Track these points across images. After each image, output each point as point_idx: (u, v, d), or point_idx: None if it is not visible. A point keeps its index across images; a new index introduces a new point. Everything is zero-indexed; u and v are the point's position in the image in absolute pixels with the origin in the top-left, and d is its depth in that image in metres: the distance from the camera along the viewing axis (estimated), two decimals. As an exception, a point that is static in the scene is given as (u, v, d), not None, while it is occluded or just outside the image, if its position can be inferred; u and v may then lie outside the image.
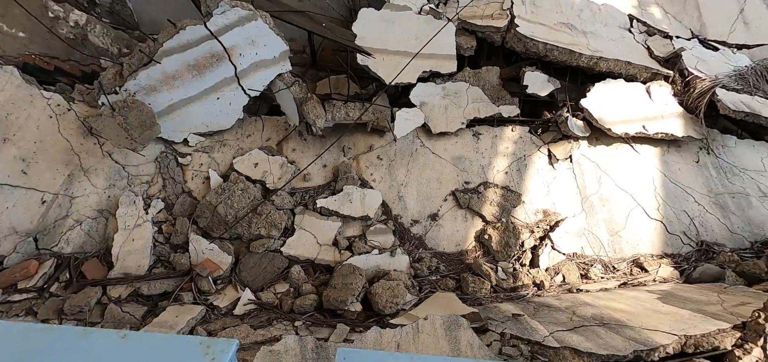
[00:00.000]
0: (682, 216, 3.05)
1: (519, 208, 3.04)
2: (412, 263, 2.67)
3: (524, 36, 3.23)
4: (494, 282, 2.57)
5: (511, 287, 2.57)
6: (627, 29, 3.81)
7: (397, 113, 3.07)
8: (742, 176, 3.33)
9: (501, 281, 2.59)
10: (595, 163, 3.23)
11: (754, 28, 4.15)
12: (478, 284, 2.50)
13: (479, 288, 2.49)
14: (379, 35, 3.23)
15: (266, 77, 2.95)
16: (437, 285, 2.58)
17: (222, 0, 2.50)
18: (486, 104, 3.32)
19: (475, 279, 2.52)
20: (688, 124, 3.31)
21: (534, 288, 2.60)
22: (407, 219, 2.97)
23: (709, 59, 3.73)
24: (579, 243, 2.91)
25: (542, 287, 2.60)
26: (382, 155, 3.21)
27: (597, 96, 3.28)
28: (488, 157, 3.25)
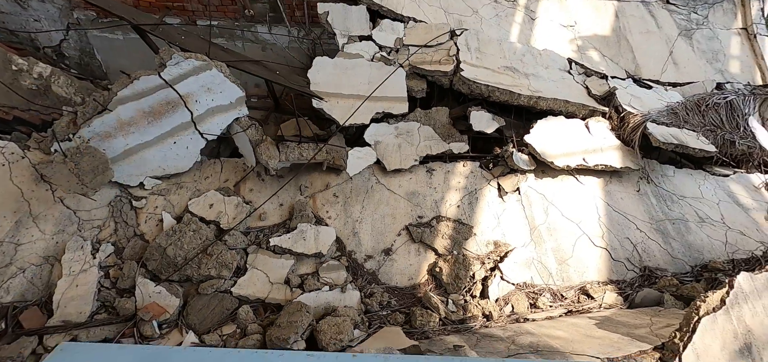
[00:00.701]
0: (626, 244, 3.19)
1: (470, 240, 3.13)
2: (364, 298, 2.69)
3: (468, 79, 3.49)
4: (443, 315, 2.60)
5: (459, 319, 2.60)
6: (566, 71, 4.15)
7: (349, 152, 3.21)
8: (681, 203, 3.53)
9: (450, 313, 2.63)
10: (542, 195, 3.39)
11: (683, 68, 4.57)
12: (426, 317, 2.53)
13: (427, 322, 2.51)
14: (334, 81, 3.44)
15: (223, 121, 3.08)
16: (387, 319, 2.59)
17: (175, 53, 2.67)
18: (437, 142, 3.51)
19: (423, 313, 2.55)
20: (625, 156, 3.54)
21: (483, 319, 2.63)
22: (361, 254, 3.02)
23: (643, 96, 4.07)
24: (528, 273, 2.99)
25: (491, 318, 2.64)
26: (338, 193, 3.31)
27: (540, 132, 3.51)
28: (441, 191, 3.39)
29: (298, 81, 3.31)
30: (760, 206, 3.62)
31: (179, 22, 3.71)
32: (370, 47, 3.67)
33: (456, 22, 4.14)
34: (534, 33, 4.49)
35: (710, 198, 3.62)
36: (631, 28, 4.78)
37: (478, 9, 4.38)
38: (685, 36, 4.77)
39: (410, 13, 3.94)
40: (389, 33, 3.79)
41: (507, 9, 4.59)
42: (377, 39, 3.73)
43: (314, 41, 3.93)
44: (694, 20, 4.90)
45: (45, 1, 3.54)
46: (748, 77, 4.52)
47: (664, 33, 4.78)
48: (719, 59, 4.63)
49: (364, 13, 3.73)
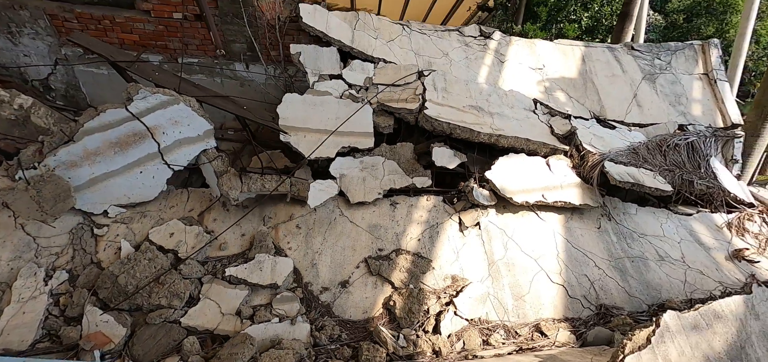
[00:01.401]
0: (583, 281, 3.20)
1: (428, 274, 3.15)
2: (314, 331, 2.68)
3: (431, 117, 3.64)
4: (391, 350, 2.58)
5: (408, 354, 2.57)
6: (532, 111, 4.31)
7: (311, 184, 3.30)
8: (642, 241, 3.56)
9: (399, 348, 2.60)
10: (502, 230, 3.43)
11: (647, 110, 4.74)
12: (372, 352, 2.51)
13: (373, 357, 2.49)
14: (302, 116, 3.59)
15: (191, 153, 3.20)
16: (334, 354, 2.57)
17: (142, 88, 2.83)
18: (401, 176, 3.60)
19: (370, 348, 2.53)
20: (585, 193, 3.62)
21: (431, 355, 2.61)
22: (317, 286, 3.03)
23: (606, 136, 4.21)
24: (484, 309, 2.98)
25: (440, 354, 2.61)
26: (302, 224, 3.37)
27: (500, 168, 3.61)
28: (403, 224, 3.44)
29: (265, 116, 3.46)
30: (721, 246, 3.65)
31: (161, 60, 3.93)
32: (339, 85, 3.86)
33: (426, 63, 4.37)
34: (502, 75, 4.71)
35: (672, 237, 3.65)
36: (597, 71, 5.01)
37: (449, 52, 4.62)
38: (649, 80, 4.99)
39: (381, 54, 4.17)
40: (359, 72, 3.99)
41: (477, 52, 4.83)
42: (347, 78, 3.93)
43: (289, 79, 4.13)
44: (658, 65, 5.14)
45: (35, 38, 3.77)
46: (709, 120, 4.68)
47: (628, 77, 5.00)
48: (681, 102, 4.82)
49: (334, 54, 3.95)
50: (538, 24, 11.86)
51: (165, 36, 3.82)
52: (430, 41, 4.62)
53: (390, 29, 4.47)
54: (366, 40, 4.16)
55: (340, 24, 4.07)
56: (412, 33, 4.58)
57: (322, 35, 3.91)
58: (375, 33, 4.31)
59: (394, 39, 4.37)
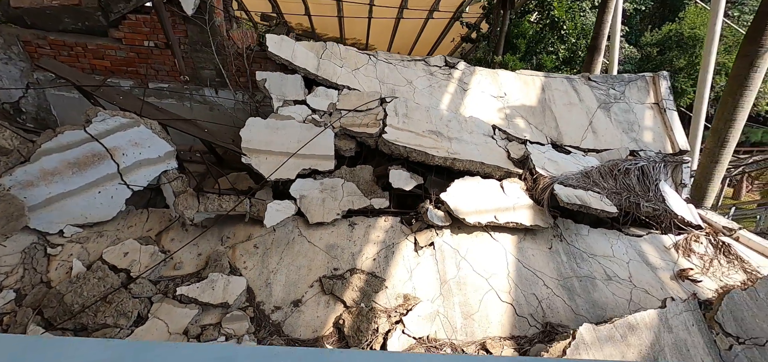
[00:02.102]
0: (532, 299, 3.29)
1: (381, 293, 3.21)
2: (259, 350, 2.70)
3: (389, 141, 3.81)
4: (334, 368, 2.60)
5: (350, 372, 2.60)
6: (490, 136, 4.52)
7: (268, 205, 3.39)
8: (591, 261, 3.69)
9: (342, 366, 2.63)
10: (456, 250, 3.54)
11: (601, 136, 5.00)
12: (314, 369, 2.53)
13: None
14: (265, 139, 3.72)
15: (151, 174, 3.29)
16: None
17: (100, 111, 2.95)
18: (359, 197, 3.72)
19: (313, 365, 2.56)
20: (536, 215, 3.77)
21: (375, 373, 2.64)
22: (270, 305, 3.06)
23: (560, 160, 4.41)
24: (433, 327, 3.04)
25: (384, 372, 2.64)
26: (259, 244, 3.43)
27: (456, 190, 3.76)
28: (360, 245, 3.53)
29: (226, 138, 3.59)
30: (667, 266, 3.79)
31: (132, 85, 4.08)
32: (303, 110, 4.03)
33: (390, 90, 4.59)
34: (465, 102, 4.95)
35: (621, 257, 3.79)
36: (555, 100, 5.29)
37: (413, 80, 4.86)
38: (604, 108, 5.28)
39: (346, 82, 4.38)
40: (323, 98, 4.18)
41: (441, 81, 5.09)
42: (311, 103, 4.10)
43: (257, 104, 4.30)
44: (613, 95, 5.46)
45: (8, 63, 3.90)
46: (659, 146, 4.95)
47: (585, 105, 5.29)
48: (634, 129, 5.09)
49: (299, 81, 4.14)
50: (518, 55, 12.46)
51: (136, 62, 3.98)
52: (395, 70, 4.87)
53: (356, 59, 4.71)
54: (331, 69, 4.38)
55: (307, 53, 4.29)
56: (378, 62, 4.83)
57: (288, 63, 4.12)
58: (341, 62, 4.53)
59: (359, 68, 4.60)
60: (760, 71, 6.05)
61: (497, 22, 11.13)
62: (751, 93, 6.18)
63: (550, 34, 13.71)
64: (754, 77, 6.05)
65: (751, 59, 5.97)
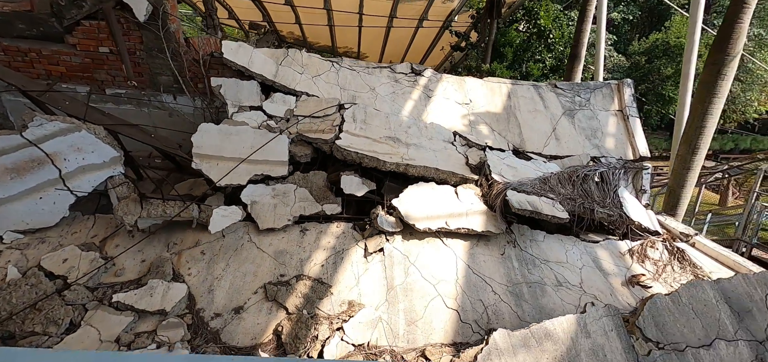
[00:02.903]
0: (478, 305, 3.27)
1: (326, 300, 3.18)
2: (191, 358, 2.66)
3: (341, 147, 3.81)
4: (265, 376, 2.57)
5: (281, 380, 2.57)
6: (450, 142, 4.54)
7: (214, 210, 3.37)
8: (543, 267, 3.68)
9: (274, 374, 2.60)
10: (406, 256, 3.52)
11: (564, 143, 5.03)
12: (243, 377, 2.49)
13: (243, 382, 2.48)
14: (217, 145, 3.72)
15: (96, 179, 3.27)
16: (205, 380, 2.54)
17: (37, 115, 2.93)
18: (311, 203, 3.71)
19: (242, 373, 2.52)
20: (489, 221, 3.77)
21: (307, 381, 2.60)
22: (210, 312, 3.03)
23: (520, 167, 4.43)
24: (375, 334, 3.01)
25: (317, 380, 2.61)
26: (207, 250, 3.40)
27: (409, 196, 3.76)
28: (309, 251, 3.50)
29: (170, 144, 3.58)
30: (620, 271, 3.79)
31: (89, 91, 4.07)
32: (258, 116, 4.03)
33: (350, 97, 4.60)
34: (428, 108, 4.98)
35: (574, 263, 3.78)
36: (521, 107, 5.33)
37: (376, 87, 4.89)
38: (569, 115, 5.32)
39: (304, 88, 4.40)
40: (281, 104, 4.19)
41: (406, 87, 5.12)
42: (268, 109, 4.11)
43: (217, 110, 4.30)
44: (578, 102, 5.50)
45: (-38, 68, 3.89)
46: (621, 153, 4.98)
47: (550, 112, 5.33)
48: (597, 136, 5.13)
49: (255, 87, 4.15)
50: (505, 63, 12.58)
51: (91, 68, 3.98)
52: (358, 77, 4.89)
53: (318, 66, 4.73)
54: (290, 75, 4.39)
55: (265, 60, 4.31)
56: (341, 69, 4.86)
57: (245, 70, 4.14)
58: (302, 69, 4.55)
59: (320, 74, 4.62)
60: (727, 79, 6.13)
61: (485, 30, 11.26)
62: (719, 100, 6.26)
63: (536, 43, 13.87)
64: (722, 85, 6.14)
65: (718, 67, 6.06)
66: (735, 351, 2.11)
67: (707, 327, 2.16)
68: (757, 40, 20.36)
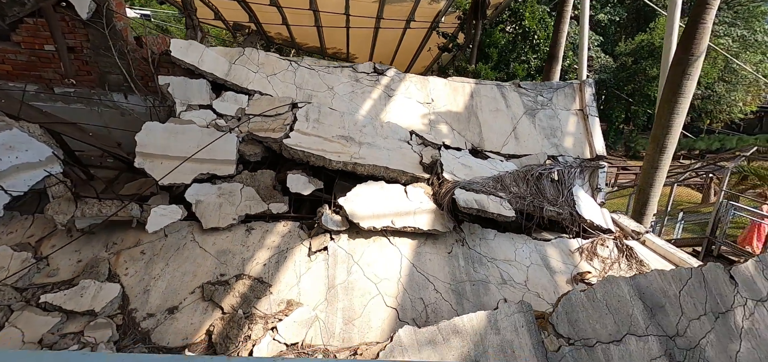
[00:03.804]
0: (418, 304, 3.26)
1: (264, 299, 3.16)
2: (114, 358, 2.62)
3: (289, 146, 3.80)
4: (187, 376, 2.54)
5: (203, 380, 2.54)
6: (406, 142, 4.54)
7: (152, 209, 3.34)
8: (489, 265, 3.69)
9: (197, 374, 2.57)
10: (350, 255, 3.51)
11: (523, 142, 5.05)
12: (163, 378, 2.46)
13: (163, 382, 2.45)
14: (162, 143, 3.68)
15: (31, 178, 3.22)
16: (125, 381, 2.51)
17: (-39, 113, 2.89)
18: (257, 202, 3.68)
19: (164, 373, 2.49)
20: (437, 219, 3.77)
21: (232, 381, 2.58)
22: (143, 313, 2.99)
23: (475, 166, 4.43)
24: (310, 333, 2.99)
25: (242, 379, 2.58)
26: (147, 250, 3.37)
27: (356, 195, 3.74)
28: (253, 250, 3.48)
29: (109, 142, 3.54)
30: (567, 269, 3.80)
31: (37, 89, 4.02)
32: (207, 115, 4.00)
33: (306, 96, 4.59)
34: (388, 107, 4.97)
35: (522, 262, 3.79)
36: (482, 106, 5.35)
37: (334, 86, 4.87)
38: (530, 115, 5.34)
39: (258, 87, 4.37)
40: (232, 103, 4.16)
41: (366, 87, 5.11)
42: (218, 108, 4.08)
43: (169, 109, 4.26)
44: (540, 101, 5.53)
45: None
46: (578, 152, 5.01)
47: (511, 111, 5.35)
48: (556, 135, 5.15)
49: (204, 86, 4.12)
50: (490, 64, 12.62)
51: (38, 66, 3.93)
52: (316, 76, 4.88)
53: (275, 64, 4.71)
54: (243, 74, 4.37)
55: (217, 58, 4.29)
56: (299, 68, 4.84)
57: (194, 68, 4.11)
58: (257, 67, 4.53)
59: (276, 73, 4.60)
60: (692, 79, 6.21)
61: (470, 31, 11.29)
62: (685, 100, 6.33)
63: (522, 44, 13.92)
64: (687, 84, 6.21)
65: (683, 67, 6.13)
66: (644, 346, 2.12)
67: (619, 323, 2.17)
68: (741, 40, 20.67)
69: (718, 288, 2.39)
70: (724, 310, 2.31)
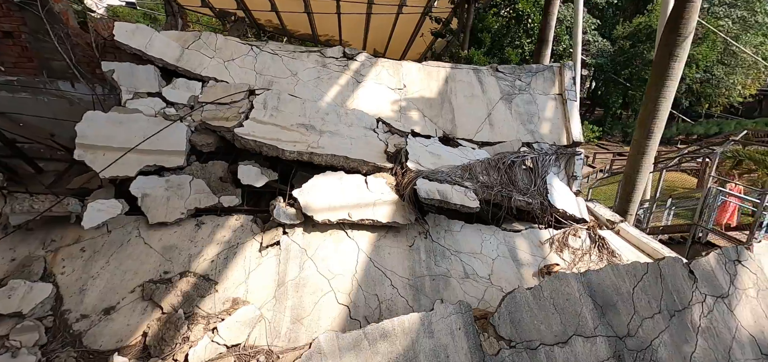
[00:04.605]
0: (372, 300, 3.10)
1: (208, 298, 2.99)
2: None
3: (240, 135, 3.59)
4: (112, 382, 2.39)
5: (130, 386, 2.39)
6: (372, 129, 4.32)
7: (89, 204, 3.15)
8: (453, 259, 3.51)
9: (124, 380, 2.42)
10: (304, 249, 3.33)
11: (498, 128, 4.83)
12: (84, 385, 2.31)
13: (84, 390, 2.30)
14: (105, 134, 3.47)
15: (-41, 173, 3.02)
16: (45, 388, 2.36)
17: None
18: (208, 195, 3.49)
19: (86, 380, 2.34)
20: (397, 211, 3.58)
21: (162, 387, 2.43)
22: (76, 314, 2.83)
23: (444, 154, 4.23)
24: (254, 334, 2.83)
25: (173, 385, 2.43)
26: (87, 247, 3.19)
27: (312, 186, 3.55)
28: (201, 245, 3.30)
29: (41, 133, 3.33)
30: (536, 261, 3.64)
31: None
32: (156, 103, 3.78)
33: (267, 82, 4.35)
34: (355, 94, 4.74)
35: (488, 254, 3.62)
36: (457, 92, 5.11)
37: (299, 72, 4.64)
38: (506, 100, 5.11)
39: (214, 73, 4.14)
40: (184, 91, 3.94)
41: (334, 72, 4.87)
42: (168, 96, 3.86)
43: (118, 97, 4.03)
44: (518, 86, 5.29)
45: None
46: (555, 138, 4.80)
47: (487, 97, 5.11)
48: (533, 121, 4.93)
49: (152, 72, 3.89)
50: (482, 49, 12.28)
51: (-26, 53, 3.70)
52: (279, 61, 4.63)
53: (234, 49, 4.46)
54: (197, 59, 4.13)
55: (168, 43, 4.04)
56: (260, 53, 4.59)
57: (141, 53, 3.87)
58: (213, 52, 4.29)
59: (234, 59, 4.36)
60: (679, 61, 5.95)
61: (462, 16, 10.94)
62: (672, 83, 6.09)
63: (515, 28, 13.54)
64: (675, 67, 5.96)
65: (670, 48, 5.87)
66: (592, 348, 1.95)
67: (566, 323, 2.00)
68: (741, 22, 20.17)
69: (675, 283, 2.21)
70: (681, 308, 2.14)
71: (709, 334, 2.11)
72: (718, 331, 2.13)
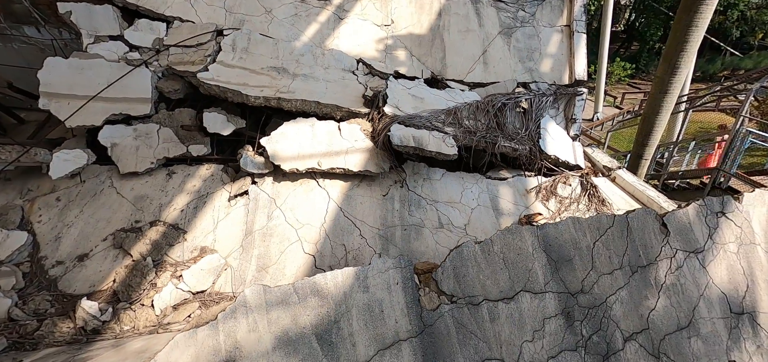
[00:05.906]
0: (339, 250, 3.04)
1: (177, 246, 3.02)
2: (13, 307, 2.60)
3: (204, 80, 3.39)
4: (80, 324, 2.50)
5: (95, 329, 2.50)
6: (351, 71, 4.01)
7: (54, 154, 3.14)
8: (428, 208, 3.36)
9: (91, 322, 2.52)
10: (273, 199, 3.26)
11: (492, 67, 4.39)
12: (52, 326, 2.43)
13: (51, 331, 2.42)
14: (67, 82, 3.36)
15: (-71, 124, 3.03)
16: (18, 328, 2.50)
17: None
18: (176, 144, 3.41)
19: (54, 321, 2.46)
20: (370, 160, 3.40)
21: (126, 331, 2.52)
22: (52, 260, 2.93)
23: (428, 97, 3.91)
24: (219, 281, 2.87)
25: (137, 329, 2.53)
26: (63, 196, 3.23)
27: (281, 134, 3.39)
28: (172, 195, 3.29)
29: (2, 83, 3.25)
30: (519, 210, 3.44)
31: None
32: (119, 47, 3.59)
33: (237, 21, 4.04)
34: (336, 32, 4.36)
35: (467, 204, 3.45)
36: (450, 26, 4.62)
37: (273, 8, 4.27)
38: (505, 35, 4.59)
39: (178, 13, 3.86)
40: (147, 33, 3.71)
41: (312, 9, 4.46)
42: (131, 39, 3.65)
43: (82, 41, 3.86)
44: (520, 18, 4.72)
45: None
46: (556, 76, 4.33)
47: (483, 31, 4.61)
48: (533, 58, 4.44)
49: (111, 12, 3.65)
50: None
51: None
52: (252, -3, 4.26)
53: (202, -16, 4.11)
54: (160, -3, 3.84)
55: (127, -21, 3.74)
56: (231, -12, 4.22)
57: (98, -8, 3.61)
58: (179, -11, 3.96)
59: (202, -5, 4.03)
60: (717, -19, 5.10)
61: None
62: (707, 7, 5.25)
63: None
64: (714, -12, 5.13)
65: (709, -37, 5.00)
66: (540, 304, 1.81)
67: (514, 279, 1.85)
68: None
69: (643, 238, 1.98)
70: (645, 264, 1.93)
71: (674, 291, 1.91)
72: (684, 288, 1.93)
